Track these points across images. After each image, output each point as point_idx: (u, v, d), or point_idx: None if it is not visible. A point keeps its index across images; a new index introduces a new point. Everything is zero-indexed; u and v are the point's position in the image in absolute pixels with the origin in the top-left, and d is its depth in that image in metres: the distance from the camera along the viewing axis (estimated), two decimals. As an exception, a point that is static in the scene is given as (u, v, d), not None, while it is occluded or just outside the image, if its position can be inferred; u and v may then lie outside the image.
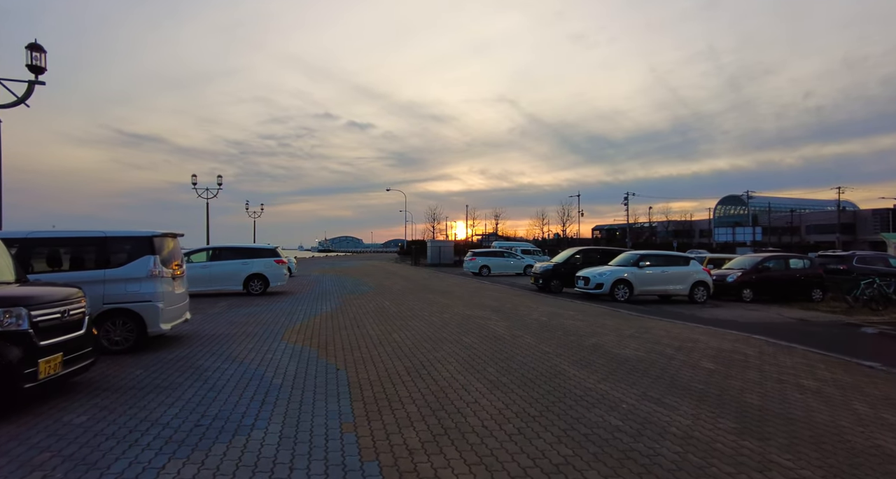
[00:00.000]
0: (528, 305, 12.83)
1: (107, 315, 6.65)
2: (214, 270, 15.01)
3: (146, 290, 6.86)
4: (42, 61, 10.17)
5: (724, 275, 15.15)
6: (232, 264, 15.29)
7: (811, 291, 14.93)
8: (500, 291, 17.29)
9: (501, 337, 7.98)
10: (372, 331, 8.58)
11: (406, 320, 9.97)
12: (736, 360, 6.53)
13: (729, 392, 5.03)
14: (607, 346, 7.34)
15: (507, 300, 13.97)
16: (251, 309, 11.68)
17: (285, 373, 5.67)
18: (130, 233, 7.14)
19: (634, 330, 8.85)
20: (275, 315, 10.62)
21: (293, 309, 11.73)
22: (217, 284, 15.01)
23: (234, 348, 7.00)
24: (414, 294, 15.69)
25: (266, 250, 15.97)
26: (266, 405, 4.52)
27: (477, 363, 6.17)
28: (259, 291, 15.36)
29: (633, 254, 15.06)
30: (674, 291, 14.44)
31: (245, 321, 9.65)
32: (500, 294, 15.92)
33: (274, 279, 15.62)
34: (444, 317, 10.35)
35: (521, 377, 5.51)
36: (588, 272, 14.78)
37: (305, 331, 8.60)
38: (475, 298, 14.61)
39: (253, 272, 15.36)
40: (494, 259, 28.89)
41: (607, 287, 14.06)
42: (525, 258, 29.71)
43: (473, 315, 10.63)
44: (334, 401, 4.65)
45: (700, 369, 6.02)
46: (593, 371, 5.82)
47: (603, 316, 10.79)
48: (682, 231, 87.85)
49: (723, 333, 8.88)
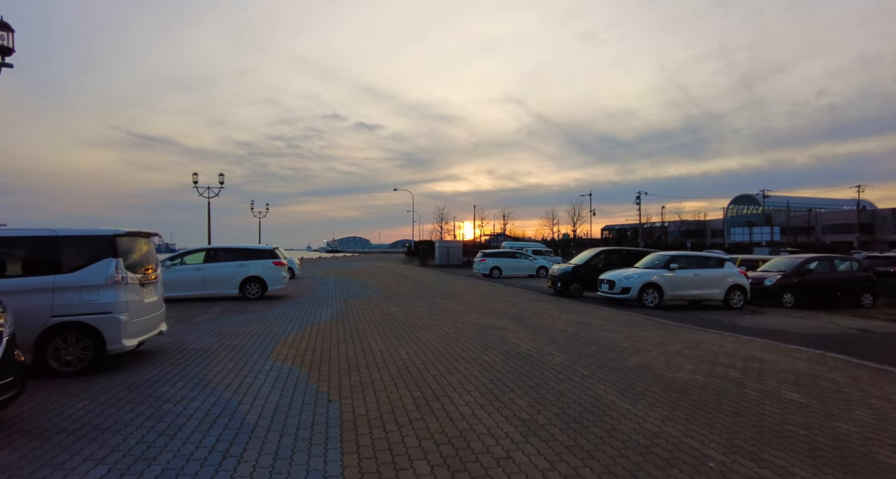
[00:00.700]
0: (550, 312, 11.62)
1: (56, 330, 5.54)
2: (208, 272, 13.95)
3: (105, 299, 5.74)
4: (9, 41, 9.11)
5: (761, 278, 13.83)
6: (227, 266, 14.22)
7: (860, 295, 13.58)
8: (515, 295, 16.08)
9: (526, 354, 6.79)
10: (375, 345, 7.42)
11: (414, 330, 8.81)
12: (826, 389, 5.28)
13: (848, 443, 3.80)
14: (656, 367, 6.13)
15: (524, 306, 12.77)
16: (244, 316, 10.59)
17: (264, 406, 4.52)
18: (88, 231, 6.02)
19: (681, 345, 7.61)
20: (268, 324, 9.51)
21: (289, 316, 10.61)
22: (211, 287, 13.94)
23: (211, 370, 5.87)
24: (422, 298, 14.53)
25: (264, 250, 14.89)
26: (228, 459, 3.38)
27: (502, 392, 4.99)
28: (256, 295, 14.28)
29: (663, 255, 13.79)
30: (708, 295, 13.16)
31: (233, 332, 8.54)
32: (516, 299, 14.72)
33: (272, 282, 14.53)
34: (457, 327, 9.18)
35: (561, 415, 4.32)
36: (613, 275, 13.54)
37: (299, 344, 7.46)
38: (489, 303, 13.42)
39: (250, 275, 14.27)
40: (506, 260, 27.67)
41: (635, 292, 12.81)
42: (538, 259, 28.46)
43: (490, 325, 9.45)
44: (320, 452, 3.50)
45: (787, 402, 4.79)
46: (650, 405, 4.61)
47: (637, 326, 9.55)
48: (693, 231, 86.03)
49: (786, 348, 7.61)
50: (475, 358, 6.50)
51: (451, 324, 9.52)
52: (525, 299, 14.74)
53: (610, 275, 13.69)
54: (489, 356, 6.61)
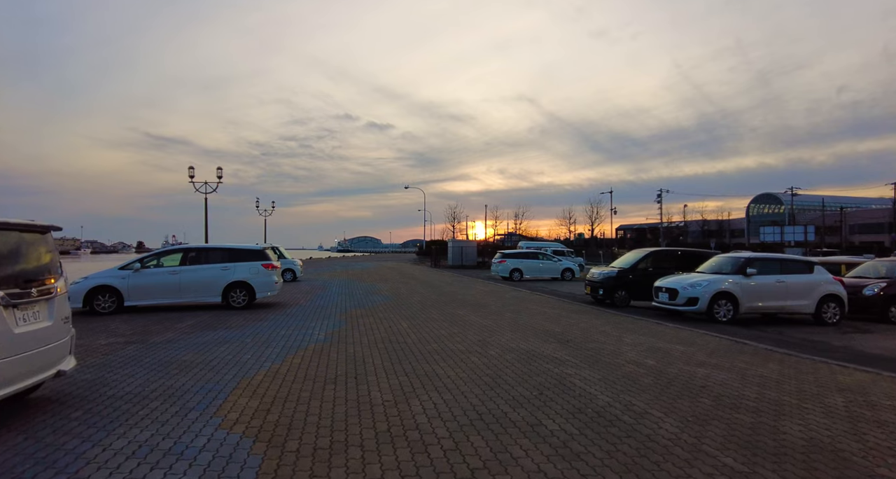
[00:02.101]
0: (603, 329, 9.19)
1: None
2: (185, 276, 11.73)
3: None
4: None
5: (859, 285, 11.25)
6: (208, 269, 11.98)
7: None
8: (547, 303, 13.64)
9: (610, 414, 4.38)
10: (377, 391, 5.07)
11: (432, 360, 6.46)
12: None
13: None
14: (845, 447, 3.69)
15: (567, 321, 10.34)
16: (216, 334, 8.32)
17: None
18: None
19: (842, 398, 5.08)
20: (241, 347, 7.22)
21: (273, 335, 8.32)
22: (189, 294, 11.72)
23: (104, 445, 3.55)
24: (439, 309, 12.17)
25: (251, 251, 12.62)
26: None
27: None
28: (242, 303, 12.02)
29: (735, 257, 11.23)
30: (795, 308, 10.60)
31: (188, 361, 6.25)
32: (552, 309, 12.29)
33: (261, 289, 12.27)
34: (489, 355, 6.79)
35: None
36: (674, 282, 11.03)
37: (268, 387, 5.14)
38: (522, 316, 11.01)
39: (234, 280, 12.02)
40: (527, 262, 25.21)
41: (704, 303, 10.29)
42: (563, 260, 25.96)
43: (534, 352, 7.05)
44: None
45: None
46: None
47: (737, 356, 7.07)
48: (713, 231, 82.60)
49: None
50: (534, 424, 4.11)
51: (480, 350, 7.14)
52: (562, 309, 12.29)
53: (669, 282, 11.18)
54: (555, 420, 4.21)
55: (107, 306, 11.00)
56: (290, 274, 22.67)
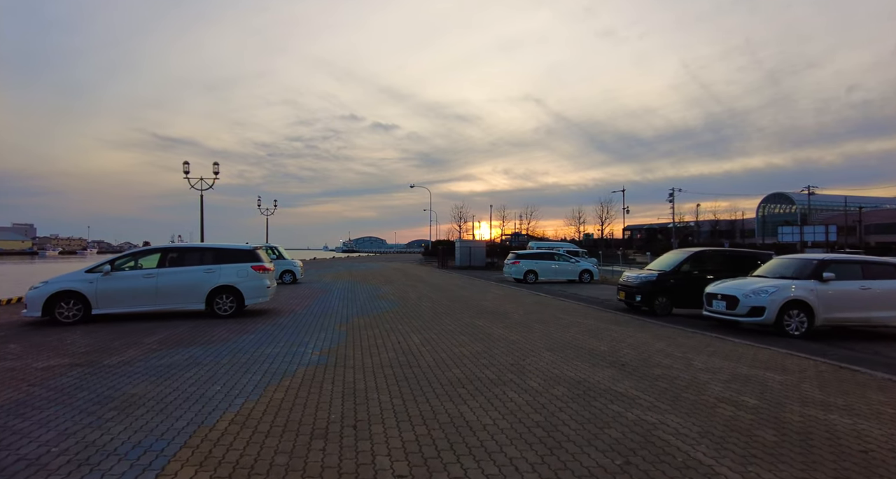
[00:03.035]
0: (659, 347, 7.57)
1: None
2: (164, 280, 10.20)
3: None
4: None
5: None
6: (189, 272, 10.45)
7: None
8: (577, 312, 12.01)
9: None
10: (384, 455, 3.49)
11: (458, 399, 4.87)
12: None
13: None
14: None
15: (609, 335, 8.73)
16: (186, 354, 6.78)
17: None
18: None
19: None
20: (212, 373, 5.68)
21: (256, 355, 6.76)
22: (167, 300, 10.19)
23: None
24: (454, 317, 10.58)
25: (240, 251, 11.07)
26: None
27: None
28: (228, 311, 10.49)
29: (807, 259, 9.52)
30: (884, 319, 8.93)
31: (135, 397, 4.70)
32: (584, 319, 10.66)
33: (251, 294, 10.72)
34: (532, 389, 5.20)
35: None
36: (732, 289, 9.37)
37: (229, 447, 3.58)
38: (553, 328, 9.41)
39: (220, 284, 10.48)
40: (543, 263, 23.57)
41: (772, 314, 8.64)
42: (581, 262, 24.30)
43: (589, 383, 5.45)
44: None
45: None
46: None
47: (862, 390, 5.43)
48: (722, 231, 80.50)
49: None
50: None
51: (518, 380, 5.55)
52: (597, 319, 10.66)
53: (726, 288, 9.52)
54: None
55: (70, 314, 9.49)
56: (289, 276, 21.17)
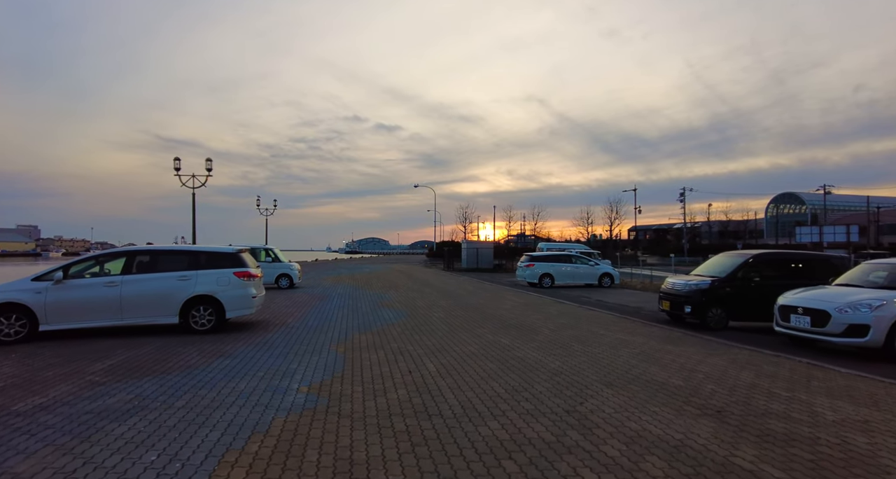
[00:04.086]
0: (747, 380, 5.88)
1: None
2: (129, 289, 8.58)
3: None
4: None
5: None
6: (160, 279, 8.83)
7: None
8: (616, 325, 10.32)
9: None
10: None
11: (501, 472, 3.20)
12: None
13: None
14: None
15: (672, 361, 7.05)
16: (133, 390, 5.14)
17: None
18: None
19: None
20: (156, 426, 4.04)
21: (224, 393, 5.11)
22: (134, 313, 8.57)
23: None
24: (472, 332, 8.92)
25: (221, 254, 9.43)
26: None
27: None
28: (206, 325, 8.86)
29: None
30: None
31: (25, 475, 3.07)
32: (628, 335, 8.98)
33: (233, 305, 9.10)
34: (614, 464, 3.53)
35: None
36: (816, 300, 7.64)
37: None
38: (597, 348, 7.74)
39: (196, 294, 8.86)
40: (559, 266, 21.88)
41: (880, 334, 6.88)
42: (600, 264, 22.60)
43: (688, 447, 3.78)
44: None
45: None
46: None
47: None
48: (730, 232, 78.49)
49: None
50: None
51: (585, 444, 3.87)
52: (645, 336, 8.95)
53: (808, 299, 7.80)
54: None
55: (12, 331, 7.87)
56: (286, 280, 19.57)
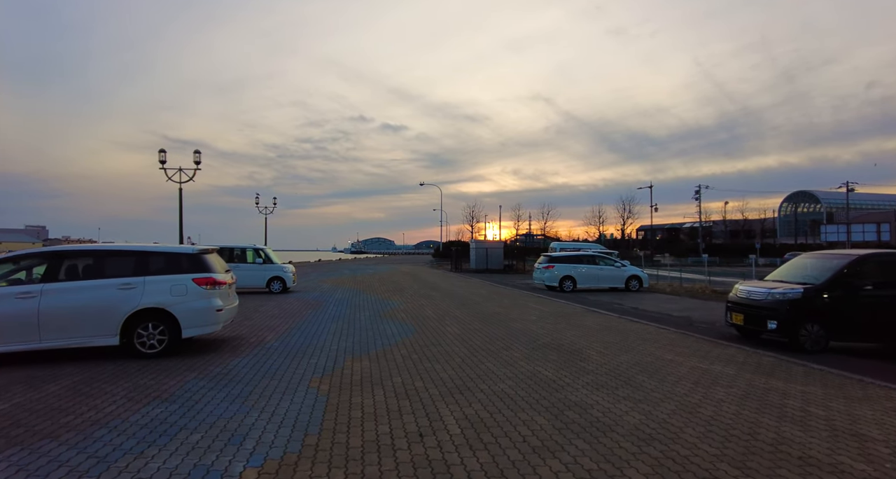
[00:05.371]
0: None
1: None
2: (51, 302, 6.56)
3: None
4: None
5: None
6: (95, 289, 6.81)
7: None
8: (680, 346, 8.19)
9: None
10: None
11: None
12: None
13: None
14: None
15: (798, 409, 4.95)
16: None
17: None
18: None
19: None
20: None
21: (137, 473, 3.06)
22: (58, 333, 6.54)
23: None
24: (501, 359, 6.82)
25: (177, 256, 7.39)
26: None
27: None
28: (157, 347, 6.84)
29: None
30: None
31: None
32: (703, 361, 6.85)
33: (191, 321, 7.06)
34: None
35: None
36: None
37: None
38: (678, 386, 5.63)
39: (143, 307, 6.83)
40: (582, 267, 19.74)
41: None
42: (627, 266, 20.44)
43: None
44: None
45: None
46: None
47: None
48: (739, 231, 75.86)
49: None
50: None
51: None
52: (731, 363, 6.81)
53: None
54: None
55: None
56: (278, 284, 17.56)
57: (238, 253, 17.93)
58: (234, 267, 17.85)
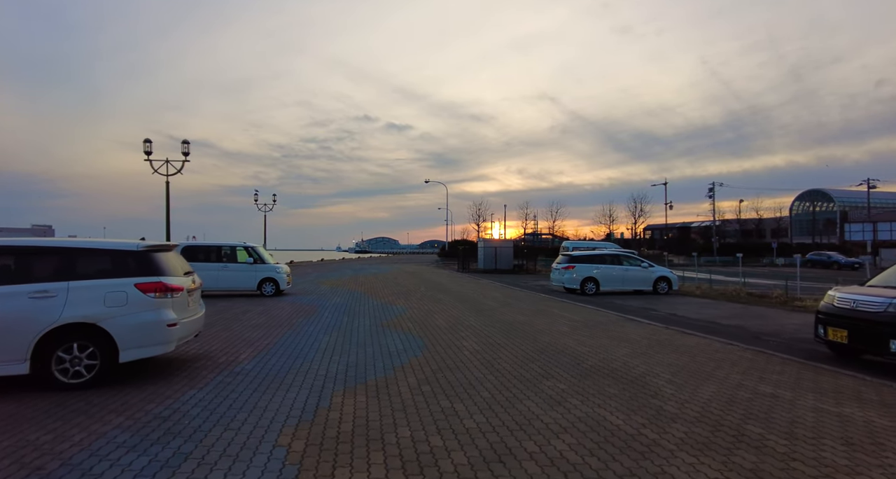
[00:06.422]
0: None
1: None
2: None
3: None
4: None
5: None
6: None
7: None
8: (775, 374, 6.35)
9: None
10: None
11: None
12: None
13: None
14: None
15: None
16: None
17: None
18: None
19: None
20: None
21: None
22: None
23: None
24: (540, 390, 5.05)
25: (113, 254, 5.66)
26: None
27: None
28: (85, 375, 5.14)
29: None
30: None
31: None
32: (837, 403, 5.07)
33: (131, 339, 5.33)
34: None
35: None
36: None
37: None
38: (830, 451, 3.84)
39: (66, 322, 5.12)
40: (605, 268, 17.92)
41: None
42: (655, 268, 18.61)
43: None
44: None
45: None
46: None
47: None
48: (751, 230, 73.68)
49: None
50: None
51: None
52: (858, 401, 5.01)
53: None
54: None
55: None
56: (270, 286, 15.87)
57: (227, 252, 16.26)
58: (222, 268, 16.23)
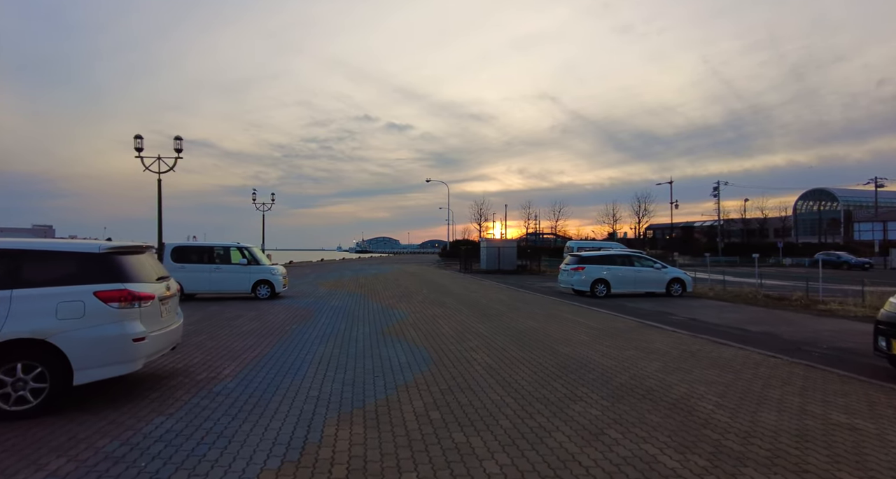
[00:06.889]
0: None
1: None
2: None
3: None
4: None
5: None
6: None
7: None
8: (844, 396, 5.53)
9: None
10: None
11: None
12: None
13: None
14: None
15: None
16: None
17: None
18: None
19: None
20: None
21: None
22: None
23: None
24: (568, 417, 4.23)
25: (68, 255, 4.86)
26: None
27: None
28: (31, 401, 4.32)
29: None
30: None
31: None
32: None
33: (87, 358, 4.52)
34: None
35: None
36: None
37: None
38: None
39: (4, 339, 4.31)
40: (616, 269, 17.10)
41: None
42: (668, 268, 17.78)
43: None
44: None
45: None
46: None
47: None
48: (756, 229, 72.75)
49: None
50: None
51: None
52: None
53: None
54: None
55: None
56: (265, 288, 15.07)
57: (220, 253, 15.46)
58: (215, 269, 15.43)
